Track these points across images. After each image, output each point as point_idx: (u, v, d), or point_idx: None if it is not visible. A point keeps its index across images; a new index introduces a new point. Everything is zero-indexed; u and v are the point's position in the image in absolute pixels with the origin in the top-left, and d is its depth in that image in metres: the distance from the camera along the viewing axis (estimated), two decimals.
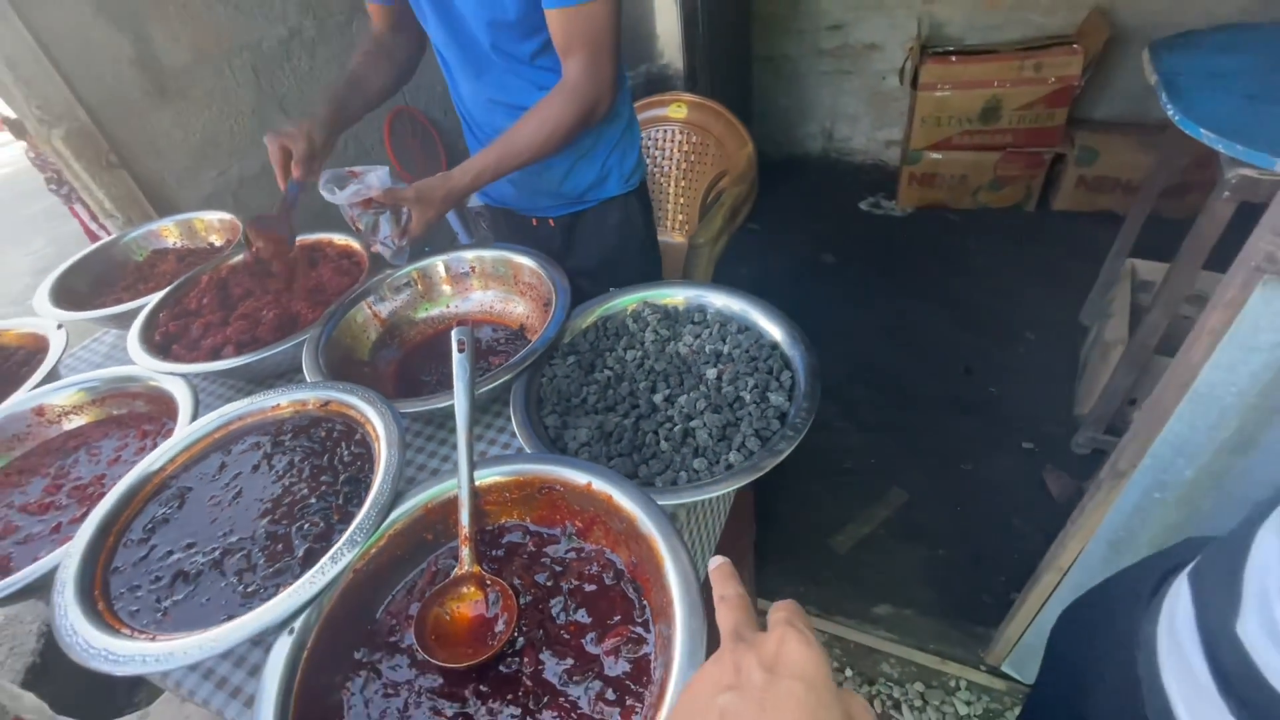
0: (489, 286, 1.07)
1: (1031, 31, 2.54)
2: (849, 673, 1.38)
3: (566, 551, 0.67)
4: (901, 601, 1.48)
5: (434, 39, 1.05)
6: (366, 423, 0.76)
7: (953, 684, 1.34)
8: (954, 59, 2.42)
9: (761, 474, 0.66)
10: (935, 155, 2.64)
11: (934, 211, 2.78)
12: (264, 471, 0.75)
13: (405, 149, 2.17)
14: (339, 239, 1.19)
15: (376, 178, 0.93)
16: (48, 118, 1.32)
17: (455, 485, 0.68)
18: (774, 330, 0.84)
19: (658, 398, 0.79)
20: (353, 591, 0.62)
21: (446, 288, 1.07)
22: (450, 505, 0.68)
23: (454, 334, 0.75)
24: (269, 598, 0.60)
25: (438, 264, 1.06)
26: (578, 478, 0.66)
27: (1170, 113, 1.25)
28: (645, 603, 0.61)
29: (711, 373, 0.80)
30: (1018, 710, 1.28)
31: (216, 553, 0.67)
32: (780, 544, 1.64)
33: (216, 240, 1.36)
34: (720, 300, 0.90)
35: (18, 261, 4.08)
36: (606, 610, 0.62)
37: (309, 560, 0.64)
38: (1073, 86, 2.34)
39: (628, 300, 0.93)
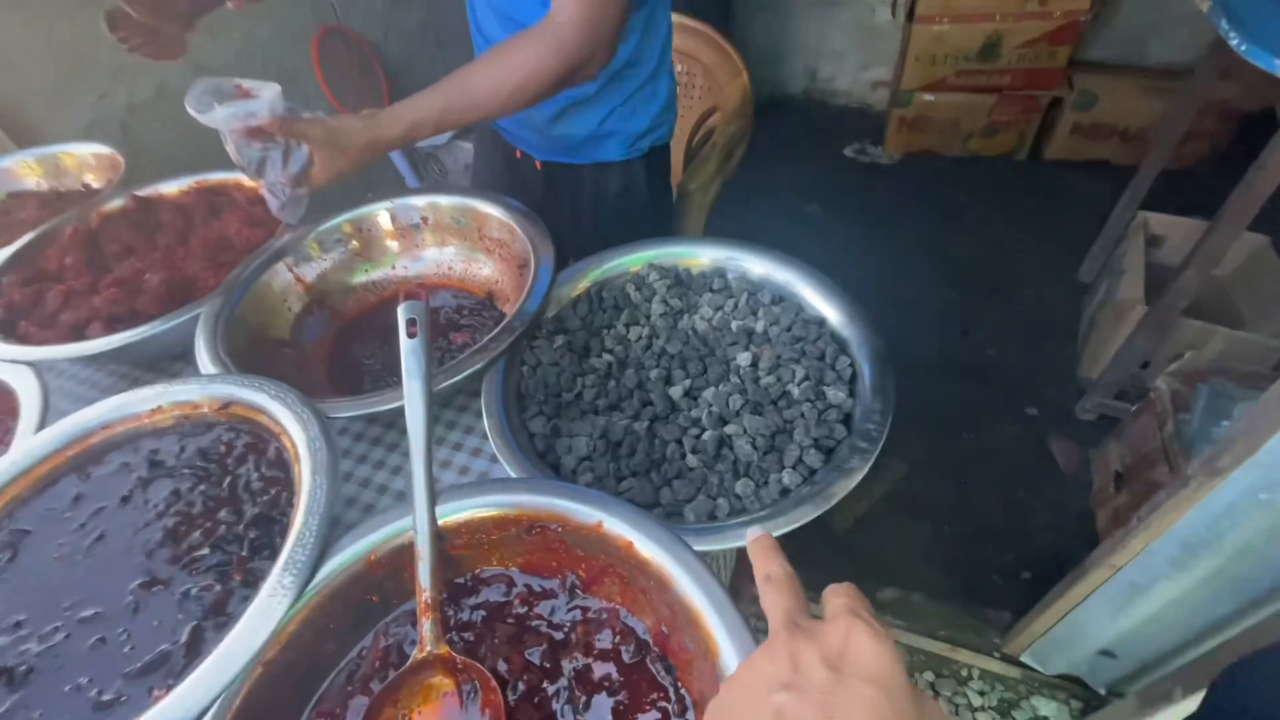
0: (446, 242, 0.85)
1: None
2: None
3: (568, 611, 0.49)
4: (907, 584, 1.38)
5: None
6: (282, 433, 0.55)
7: (965, 673, 1.25)
8: None
9: (832, 504, 0.49)
10: (928, 97, 2.45)
11: (923, 159, 2.62)
12: (136, 506, 0.54)
13: (339, 76, 1.85)
14: (251, 181, 0.93)
15: (268, 99, 0.65)
16: None
17: (409, 526, 0.49)
18: (818, 301, 0.66)
19: (675, 391, 0.61)
20: (264, 689, 0.43)
21: (392, 243, 0.84)
22: (403, 554, 0.49)
23: (400, 311, 0.54)
24: (136, 711, 0.40)
25: (379, 213, 0.83)
26: (582, 514, 0.48)
27: (1234, 42, 1.09)
28: (683, 690, 0.45)
29: (744, 358, 0.62)
30: (1034, 700, 1.20)
31: (60, 636, 0.46)
32: None
33: (94, 181, 1.08)
34: (746, 261, 0.71)
35: None
36: (631, 701, 0.45)
37: (195, 646, 0.45)
38: (1079, 22, 2.17)
39: (628, 261, 0.73)
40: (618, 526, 0.47)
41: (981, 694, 1.22)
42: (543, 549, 0.51)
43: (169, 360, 0.80)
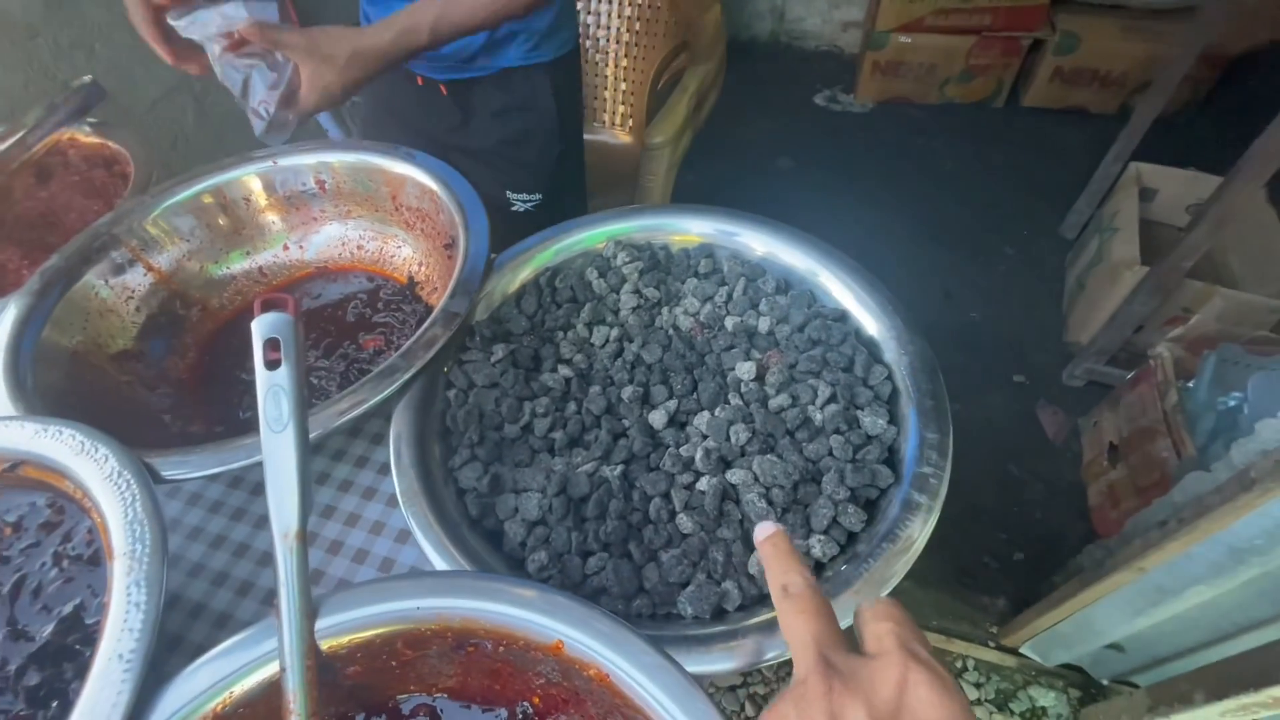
0: (352, 214, 0.66)
1: None
2: None
3: None
4: None
5: None
6: (93, 509, 0.38)
7: (960, 664, 1.18)
8: None
9: (886, 591, 0.35)
10: (904, 39, 2.28)
11: (897, 107, 2.46)
12: None
13: None
14: (86, 132, 0.72)
15: (246, 3, 0.55)
16: None
17: (274, 654, 0.33)
18: (837, 289, 0.51)
19: (657, 417, 0.45)
20: None
21: (274, 219, 0.65)
22: (268, 700, 0.33)
23: (255, 328, 0.36)
24: None
25: (249, 178, 0.62)
26: (533, 628, 0.33)
27: None
28: None
29: (745, 369, 0.47)
30: (1032, 690, 1.14)
31: None
32: None
33: None
34: (743, 235, 0.55)
35: None
36: None
37: None
38: None
39: (588, 237, 0.56)
40: (585, 649, 0.32)
41: (978, 686, 1.16)
42: (482, 670, 0.35)
43: None
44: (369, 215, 0.65)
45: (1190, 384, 1.18)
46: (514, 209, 0.90)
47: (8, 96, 1.20)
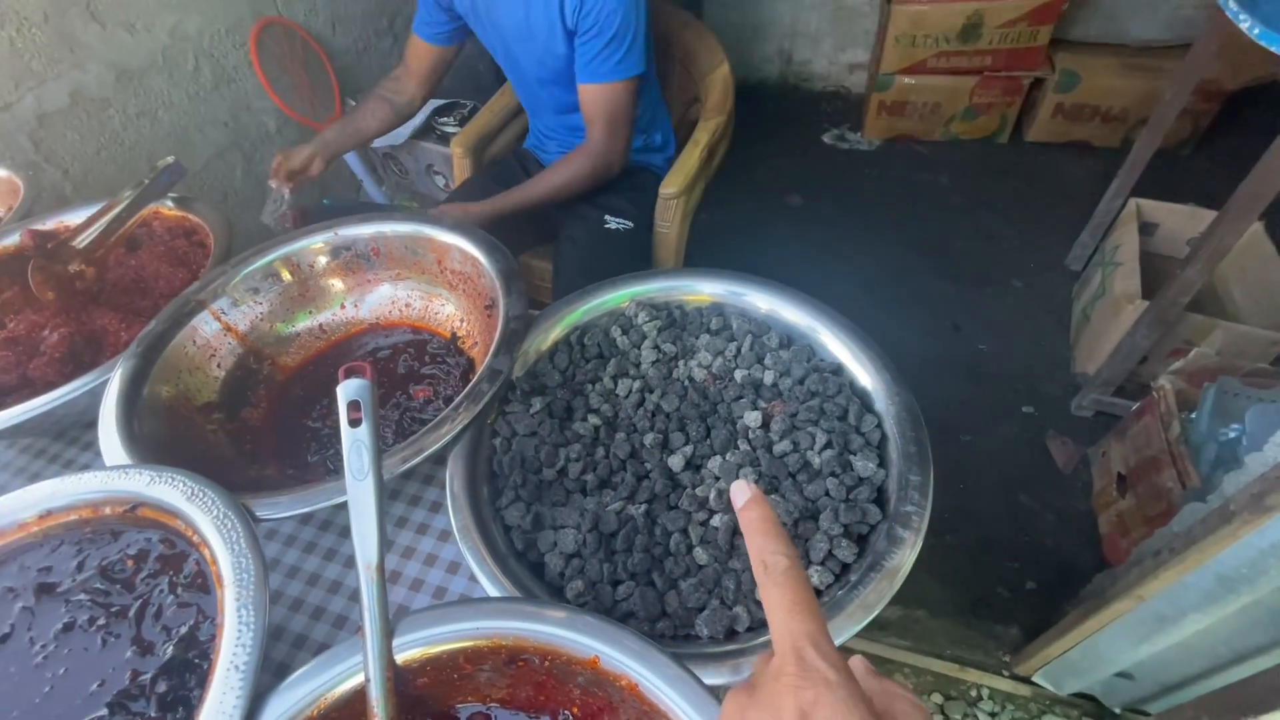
0: (402, 277, 0.74)
1: None
2: None
3: None
4: (910, 602, 1.33)
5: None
6: (202, 544, 0.45)
7: (974, 693, 1.20)
8: None
9: (873, 615, 0.41)
10: (907, 80, 2.37)
11: (903, 145, 2.54)
12: (19, 647, 0.43)
13: (281, 74, 1.70)
14: (170, 207, 0.81)
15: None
16: None
17: (358, 666, 0.39)
18: (834, 344, 0.58)
19: (675, 461, 0.52)
20: None
21: (336, 282, 0.73)
22: (354, 704, 0.39)
23: (340, 392, 0.44)
24: None
25: (316, 247, 0.71)
26: (573, 645, 0.39)
27: (1245, 25, 1.03)
28: None
29: (752, 417, 0.53)
30: (1046, 719, 1.16)
31: None
32: None
33: None
34: (750, 295, 0.62)
35: None
36: None
37: None
38: (1060, 1, 2.10)
39: (611, 299, 0.64)
40: (618, 663, 0.38)
41: (992, 715, 1.18)
42: (529, 682, 0.42)
43: (80, 429, 0.68)
44: (417, 277, 0.74)
45: (1193, 415, 1.21)
46: (608, 227, 1.19)
47: (82, 161, 1.33)
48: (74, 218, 0.80)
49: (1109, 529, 1.33)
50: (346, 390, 0.44)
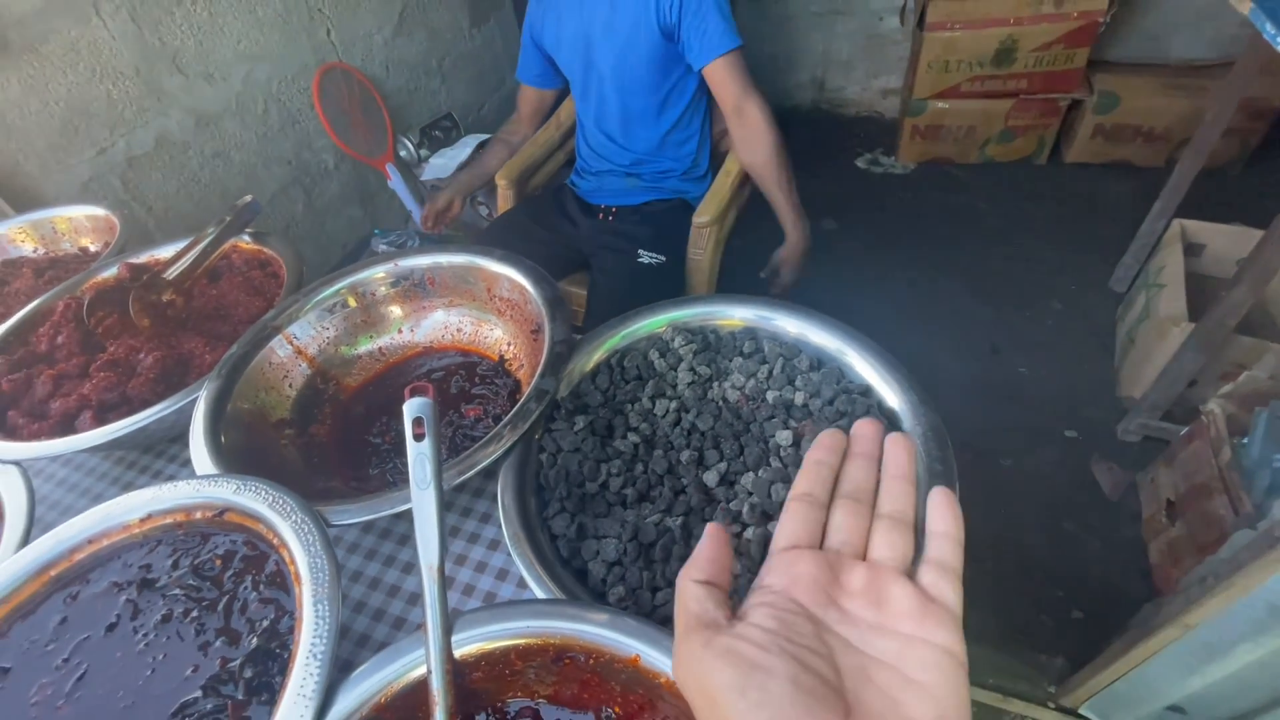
0: (454, 304, 0.80)
1: None
2: None
3: None
4: None
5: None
6: (281, 546, 0.50)
7: None
8: None
9: None
10: (941, 104, 2.38)
11: (938, 167, 2.55)
12: (124, 635, 0.49)
13: (340, 114, 1.82)
14: (246, 240, 0.89)
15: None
16: None
17: (420, 660, 0.43)
18: (862, 367, 0.60)
19: (710, 476, 0.55)
20: None
21: (395, 309, 0.79)
22: (415, 694, 0.43)
23: (406, 410, 0.49)
24: None
25: (379, 277, 0.78)
26: (617, 645, 0.42)
27: None
28: None
29: (784, 436, 0.56)
30: None
31: None
32: None
33: (90, 244, 1.04)
34: (780, 320, 0.65)
35: None
36: None
37: None
38: (1096, 23, 2.10)
39: (649, 324, 0.68)
40: (658, 662, 0.41)
41: None
42: (573, 680, 0.45)
43: (166, 443, 0.75)
44: (468, 304, 0.79)
45: (1244, 440, 1.18)
46: (640, 260, 1.25)
47: (165, 199, 1.45)
48: (163, 252, 0.89)
49: (1160, 558, 1.29)
50: (411, 408, 0.48)
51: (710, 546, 0.32)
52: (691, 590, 0.30)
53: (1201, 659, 0.85)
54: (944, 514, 0.30)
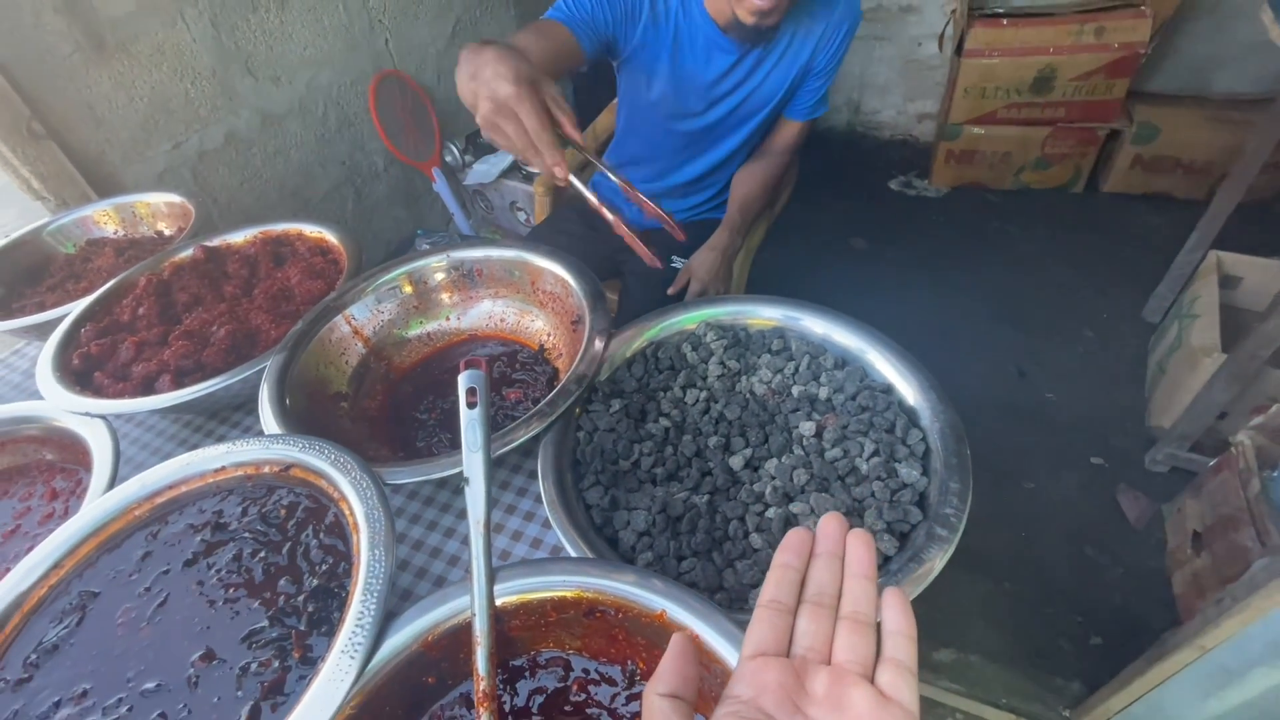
0: (500, 295, 0.85)
1: None
2: None
3: (628, 701, 0.47)
4: (965, 645, 1.31)
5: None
6: (341, 500, 0.55)
7: None
8: (1005, 22, 2.17)
9: (910, 599, 0.46)
10: (976, 130, 2.40)
11: (971, 192, 2.56)
12: (200, 570, 0.54)
13: (393, 119, 1.92)
14: (310, 229, 0.96)
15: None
16: None
17: (465, 606, 0.48)
18: (884, 367, 0.64)
19: (735, 461, 0.59)
20: None
21: (445, 297, 0.85)
22: (460, 635, 0.48)
23: (461, 380, 0.53)
24: None
25: (435, 266, 0.84)
26: (644, 600, 0.46)
27: None
28: None
29: (807, 427, 0.60)
30: None
31: (123, 709, 0.46)
32: None
33: (165, 229, 1.13)
34: (807, 320, 0.69)
35: None
36: None
37: None
38: (1138, 54, 2.10)
39: (684, 319, 0.72)
40: (682, 617, 0.45)
41: None
42: (602, 634, 0.49)
43: (231, 410, 0.82)
44: (513, 295, 0.84)
45: (1275, 474, 1.17)
46: (673, 265, 1.27)
47: (228, 191, 1.54)
48: (235, 237, 0.97)
49: (1184, 588, 1.28)
50: (466, 379, 0.53)
51: (676, 659, 0.33)
52: (657, 704, 0.31)
53: (1218, 683, 0.84)
54: (898, 614, 0.32)
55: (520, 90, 0.59)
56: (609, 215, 0.67)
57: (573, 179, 0.65)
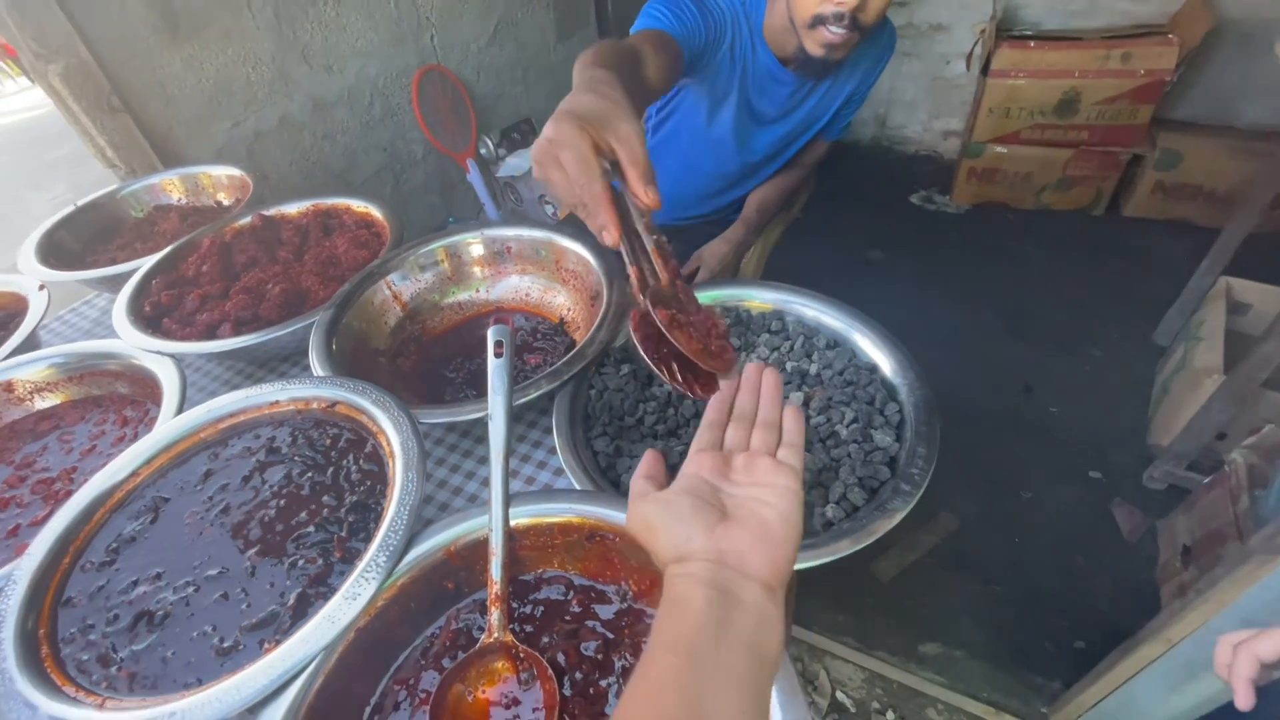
0: (527, 271, 0.93)
1: (1118, 19, 2.32)
2: (891, 716, 1.25)
3: (621, 615, 0.54)
4: (951, 641, 1.35)
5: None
6: (380, 433, 0.63)
7: None
8: (1032, 44, 2.22)
9: (872, 540, 0.52)
10: (1000, 149, 2.44)
11: (992, 210, 2.59)
12: (255, 484, 0.62)
13: (434, 111, 2.02)
14: (357, 204, 1.05)
15: None
16: (44, 51, 1.19)
17: (484, 524, 0.55)
18: (871, 349, 0.70)
19: None
20: (353, 653, 0.50)
21: (478, 270, 0.93)
22: (478, 549, 0.55)
23: (490, 333, 0.61)
24: (249, 659, 0.47)
25: (470, 241, 0.92)
26: None
27: None
28: None
29: (796, 397, 0.66)
30: None
31: (190, 589, 0.54)
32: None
33: (224, 199, 1.23)
34: (804, 305, 0.75)
35: (39, 207, 3.98)
36: None
37: (301, 609, 0.52)
38: (1163, 81, 2.13)
39: None
40: None
41: None
42: (600, 557, 0.56)
43: (278, 361, 0.90)
44: (538, 272, 0.92)
45: (1263, 491, 1.20)
46: None
47: (279, 171, 1.65)
48: (290, 208, 1.06)
49: (1170, 600, 1.31)
50: (494, 332, 0.61)
51: (650, 461, 0.48)
52: (638, 483, 0.46)
53: (1184, 676, 0.89)
54: (792, 420, 0.48)
55: (569, 128, 0.47)
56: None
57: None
